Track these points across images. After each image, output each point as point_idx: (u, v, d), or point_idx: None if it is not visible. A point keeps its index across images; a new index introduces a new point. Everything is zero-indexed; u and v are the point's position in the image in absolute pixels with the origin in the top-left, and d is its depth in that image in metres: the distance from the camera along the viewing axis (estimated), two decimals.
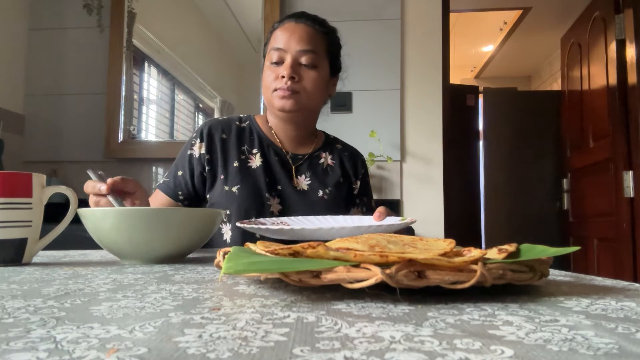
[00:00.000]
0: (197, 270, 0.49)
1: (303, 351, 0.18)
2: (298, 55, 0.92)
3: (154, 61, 2.19)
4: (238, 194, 0.93)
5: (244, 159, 0.98)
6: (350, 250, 0.32)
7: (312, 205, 0.97)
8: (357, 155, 1.12)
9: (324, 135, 1.10)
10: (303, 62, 0.93)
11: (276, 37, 0.95)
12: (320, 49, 0.96)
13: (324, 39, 0.97)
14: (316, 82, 0.95)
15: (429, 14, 2.10)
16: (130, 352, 0.18)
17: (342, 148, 1.10)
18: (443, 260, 0.29)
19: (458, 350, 0.19)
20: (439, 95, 2.08)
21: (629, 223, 2.17)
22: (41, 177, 0.58)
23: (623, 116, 2.23)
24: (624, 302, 0.30)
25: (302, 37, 0.93)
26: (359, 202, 1.07)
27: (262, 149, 1.00)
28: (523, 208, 3.46)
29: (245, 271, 0.31)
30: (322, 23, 0.98)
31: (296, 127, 1.01)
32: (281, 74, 0.91)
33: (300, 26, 0.94)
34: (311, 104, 0.97)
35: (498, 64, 4.76)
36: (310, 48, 0.93)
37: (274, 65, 0.94)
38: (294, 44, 0.92)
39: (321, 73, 0.96)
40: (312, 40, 0.94)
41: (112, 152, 2.06)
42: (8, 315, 0.25)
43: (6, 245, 0.53)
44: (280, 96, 0.93)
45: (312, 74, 0.94)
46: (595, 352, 0.18)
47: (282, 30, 0.95)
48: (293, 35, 0.93)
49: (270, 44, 0.96)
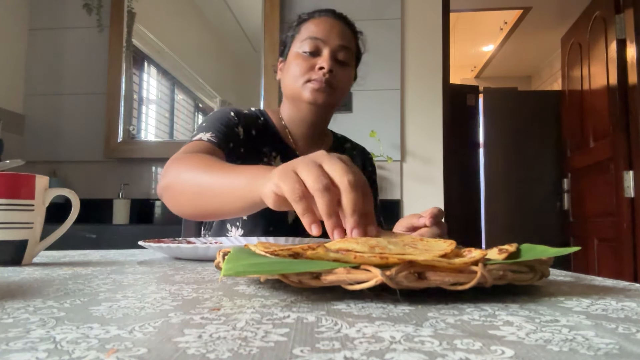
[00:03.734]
0: (197, 270, 0.49)
1: (303, 351, 0.18)
2: (337, 50, 0.89)
3: (154, 61, 2.19)
4: None
5: (266, 161, 0.94)
6: (350, 251, 0.32)
7: None
8: (366, 153, 1.11)
9: (332, 134, 1.09)
10: (340, 58, 0.90)
11: (310, 27, 0.91)
12: (353, 50, 0.94)
13: (355, 42, 0.96)
14: (349, 80, 0.93)
15: (429, 13, 2.10)
16: (129, 352, 0.18)
17: (351, 147, 1.09)
18: (443, 262, 0.29)
19: (458, 350, 0.18)
20: (439, 95, 2.08)
21: (630, 223, 2.17)
22: (44, 179, 0.58)
23: (623, 116, 2.23)
24: (625, 303, 0.30)
25: (343, 33, 0.90)
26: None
27: (279, 152, 0.96)
28: (523, 208, 3.46)
29: (245, 273, 0.31)
30: (354, 26, 0.97)
31: (312, 125, 0.96)
32: (319, 65, 0.86)
33: (339, 23, 0.92)
34: (339, 102, 0.94)
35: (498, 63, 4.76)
36: (349, 45, 0.91)
37: (308, 54, 0.88)
38: (334, 37, 0.89)
39: (352, 73, 0.94)
40: (350, 39, 0.92)
41: (111, 152, 2.06)
42: (7, 316, 0.25)
43: (6, 246, 0.53)
44: (316, 88, 0.87)
45: (347, 72, 0.91)
46: (596, 353, 0.18)
47: (320, 22, 0.91)
48: (334, 29, 0.90)
49: (301, 33, 0.91)
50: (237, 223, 0.93)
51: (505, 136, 3.55)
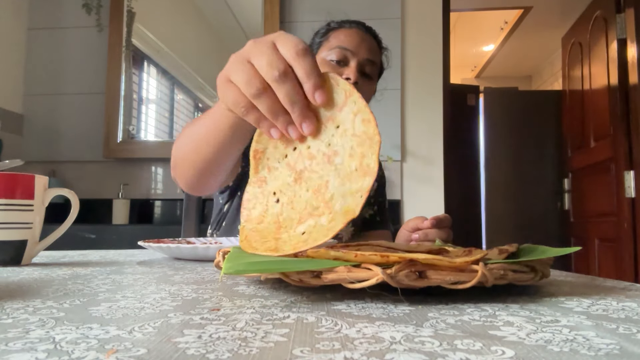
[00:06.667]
0: (196, 270, 0.49)
1: (303, 352, 0.18)
2: (364, 63, 0.90)
3: (154, 60, 2.19)
4: None
5: None
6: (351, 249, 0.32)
7: None
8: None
9: None
10: (366, 71, 0.91)
11: (340, 36, 0.92)
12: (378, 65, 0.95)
13: (380, 57, 0.97)
14: (370, 94, 0.95)
15: (430, 13, 2.10)
16: (129, 352, 0.18)
17: None
18: (444, 261, 0.29)
19: (458, 350, 0.18)
20: (439, 95, 2.07)
21: (630, 223, 2.17)
22: (44, 179, 0.57)
23: (624, 116, 2.23)
24: (625, 303, 0.30)
25: (371, 47, 0.92)
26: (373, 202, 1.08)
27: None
28: (524, 208, 3.46)
29: (246, 271, 0.31)
30: (381, 41, 0.98)
31: None
32: (346, 75, 0.88)
33: (369, 37, 0.94)
34: None
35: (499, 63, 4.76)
36: (375, 60, 0.93)
37: (335, 63, 0.90)
38: (363, 51, 0.90)
39: (374, 88, 0.96)
40: (376, 53, 0.94)
41: (111, 152, 2.06)
42: (7, 316, 0.25)
43: (5, 246, 0.53)
44: None
45: (370, 86, 0.93)
46: (596, 353, 0.18)
47: (350, 33, 0.92)
48: (364, 42, 0.91)
49: (330, 41, 0.93)
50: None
51: (505, 136, 3.55)
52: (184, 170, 0.69)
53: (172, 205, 2.11)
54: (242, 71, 0.40)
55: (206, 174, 0.68)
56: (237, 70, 0.41)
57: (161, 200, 2.11)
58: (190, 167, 0.68)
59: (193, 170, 0.68)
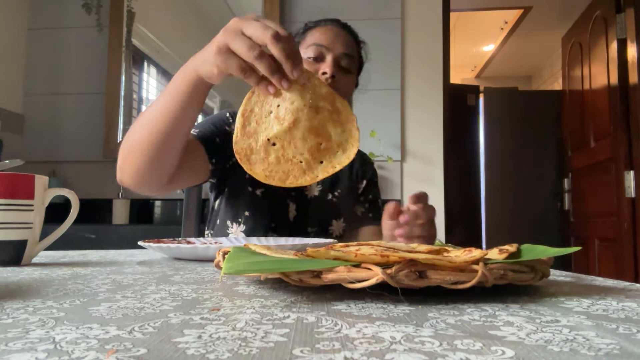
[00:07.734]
0: (196, 270, 0.49)
1: (303, 352, 0.18)
2: (340, 57, 0.92)
3: (154, 61, 2.19)
4: (262, 196, 0.94)
5: None
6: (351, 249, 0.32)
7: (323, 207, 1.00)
8: (366, 159, 1.15)
9: None
10: (343, 65, 0.92)
11: (315, 35, 0.94)
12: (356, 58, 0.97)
13: (359, 51, 0.99)
14: (350, 86, 0.96)
15: (430, 13, 2.10)
16: (129, 352, 0.18)
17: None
18: (444, 261, 0.29)
19: (459, 350, 0.18)
20: (439, 95, 2.07)
21: (630, 223, 2.17)
22: (44, 179, 0.57)
23: (624, 116, 2.23)
24: (625, 303, 0.30)
25: (347, 42, 0.94)
26: (363, 199, 1.09)
27: None
28: (524, 208, 3.46)
29: (246, 271, 0.31)
30: (357, 36, 1.00)
31: None
32: (323, 70, 0.89)
33: (344, 32, 0.95)
34: None
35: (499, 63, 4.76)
36: (352, 54, 0.94)
37: (312, 60, 0.92)
38: (338, 45, 0.92)
39: (354, 80, 0.98)
40: (353, 47, 0.95)
41: (111, 152, 2.06)
42: (7, 316, 0.25)
43: (5, 246, 0.53)
44: None
45: (349, 78, 0.94)
46: (597, 353, 0.18)
47: (325, 30, 0.94)
48: (338, 38, 0.93)
49: (306, 40, 0.94)
50: (239, 219, 0.95)
51: (505, 136, 3.55)
52: (134, 161, 0.70)
53: (172, 205, 2.11)
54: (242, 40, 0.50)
55: (158, 156, 0.69)
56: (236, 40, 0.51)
57: (161, 200, 2.11)
58: (140, 153, 0.69)
59: (143, 156, 0.69)
